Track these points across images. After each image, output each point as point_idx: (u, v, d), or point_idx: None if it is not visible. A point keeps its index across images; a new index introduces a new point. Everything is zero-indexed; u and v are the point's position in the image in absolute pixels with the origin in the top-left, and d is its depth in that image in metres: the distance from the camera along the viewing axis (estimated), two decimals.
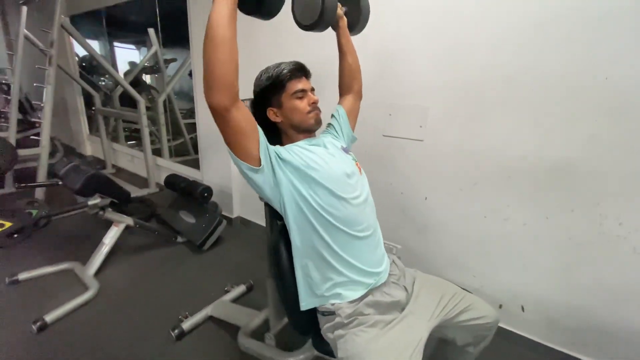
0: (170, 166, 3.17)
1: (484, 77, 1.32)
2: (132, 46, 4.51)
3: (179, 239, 2.22)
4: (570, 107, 1.18)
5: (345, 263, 0.88)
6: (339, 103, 1.20)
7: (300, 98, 0.95)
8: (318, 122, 0.98)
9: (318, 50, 1.83)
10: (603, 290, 1.25)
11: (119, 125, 3.91)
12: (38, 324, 1.45)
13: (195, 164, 2.88)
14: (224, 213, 2.45)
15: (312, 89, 1.00)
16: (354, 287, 0.89)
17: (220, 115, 0.74)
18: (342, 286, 0.88)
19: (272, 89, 0.95)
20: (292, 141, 0.99)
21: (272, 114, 0.98)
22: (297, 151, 0.91)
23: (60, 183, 1.69)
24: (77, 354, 1.36)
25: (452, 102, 1.42)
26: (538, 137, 1.26)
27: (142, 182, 3.33)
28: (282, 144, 1.02)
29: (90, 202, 1.62)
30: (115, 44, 4.43)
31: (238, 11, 0.76)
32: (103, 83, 4.55)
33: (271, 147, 0.87)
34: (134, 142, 4.09)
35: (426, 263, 1.67)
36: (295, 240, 0.91)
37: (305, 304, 0.93)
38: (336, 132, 1.13)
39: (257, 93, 0.99)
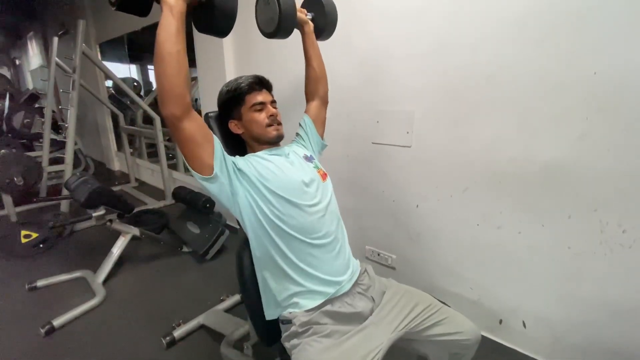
0: (183, 179, 3.32)
1: (464, 77, 1.27)
2: None
3: (185, 249, 2.30)
4: (558, 104, 1.10)
5: (302, 272, 0.87)
6: (305, 112, 1.20)
7: (259, 110, 0.97)
8: (279, 137, 1.00)
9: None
10: (608, 305, 1.13)
11: (142, 142, 4.17)
12: (46, 327, 1.55)
13: None
14: (229, 223, 2.51)
15: (273, 102, 1.01)
16: (312, 296, 0.87)
17: (173, 125, 0.77)
18: (299, 295, 0.87)
19: (232, 102, 0.98)
20: (254, 151, 1.01)
21: (234, 126, 1.00)
22: (254, 161, 0.92)
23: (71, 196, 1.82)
24: (77, 357, 1.43)
25: (435, 106, 1.38)
26: (525, 138, 1.18)
27: (161, 195, 3.51)
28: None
29: (95, 214, 1.73)
30: (150, 66, 4.77)
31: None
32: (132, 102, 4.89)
33: (229, 158, 0.88)
34: (156, 157, 4.34)
35: (422, 273, 1.60)
36: (255, 250, 0.91)
37: (267, 314, 0.92)
38: (304, 141, 1.14)
39: (219, 106, 1.03)
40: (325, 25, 1.21)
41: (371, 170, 1.68)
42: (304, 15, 1.15)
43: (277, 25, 1.00)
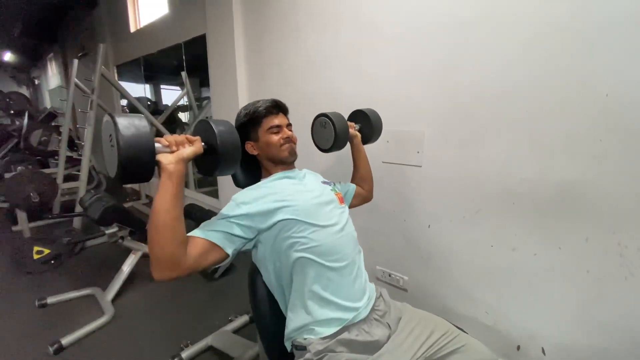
0: (193, 196, 3.35)
1: (474, 98, 1.29)
2: (178, 87, 4.99)
3: None
4: (570, 125, 1.10)
5: (320, 299, 0.85)
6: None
7: (276, 133, 1.00)
8: (292, 154, 1.01)
9: (320, 83, 1.92)
10: (631, 332, 1.08)
11: None
12: (55, 346, 1.55)
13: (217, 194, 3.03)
14: None
15: (289, 125, 1.04)
16: (328, 323, 0.85)
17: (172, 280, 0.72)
18: (315, 323, 0.85)
19: (249, 125, 1.01)
20: (269, 173, 1.03)
21: (250, 147, 1.02)
22: (262, 192, 0.89)
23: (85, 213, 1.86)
24: None
25: (445, 126, 1.39)
26: (537, 159, 1.18)
27: None
28: (261, 176, 1.06)
29: (108, 231, 1.75)
30: (162, 86, 4.93)
31: None
32: None
33: (230, 225, 0.81)
34: None
35: (435, 295, 1.56)
36: (271, 282, 0.91)
37: (286, 343, 0.91)
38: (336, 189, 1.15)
39: (237, 127, 1.05)
40: (372, 134, 1.32)
41: (381, 190, 1.67)
42: (352, 129, 1.25)
43: (333, 144, 1.14)
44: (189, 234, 0.76)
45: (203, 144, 0.77)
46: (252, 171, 1.08)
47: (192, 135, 0.79)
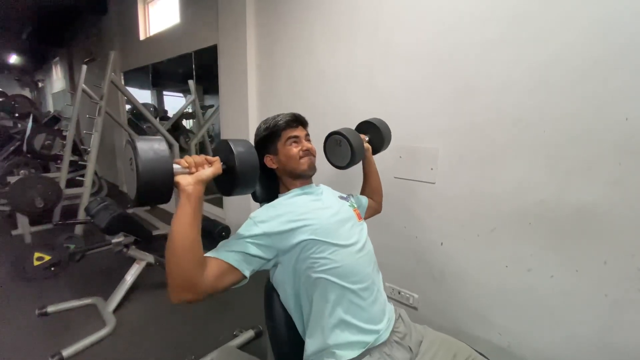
0: None
1: (491, 119, 1.29)
2: (180, 94, 5.01)
3: None
4: (589, 149, 1.10)
5: (341, 322, 0.83)
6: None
7: (294, 144, 0.99)
8: (311, 168, 1.00)
9: (331, 97, 1.92)
10: None
11: None
12: (56, 358, 1.50)
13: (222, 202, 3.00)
14: None
15: (307, 136, 1.03)
16: (350, 347, 0.83)
17: (188, 304, 0.70)
18: (336, 347, 0.83)
19: (269, 138, 1.00)
20: (287, 188, 1.02)
21: (269, 161, 1.02)
22: (281, 209, 0.88)
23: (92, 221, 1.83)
24: None
25: (461, 145, 1.39)
26: (555, 181, 1.17)
27: None
28: (279, 191, 1.05)
29: (114, 240, 1.73)
30: (165, 92, 4.95)
31: None
32: (149, 127, 5.03)
33: (248, 243, 0.79)
34: None
35: (446, 315, 1.54)
36: (289, 300, 0.89)
37: None
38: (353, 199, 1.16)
39: (256, 142, 1.05)
40: (382, 144, 1.34)
41: (392, 205, 1.66)
42: (365, 142, 1.25)
43: (350, 162, 1.13)
44: (205, 255, 0.73)
45: (222, 164, 0.77)
46: (270, 185, 1.06)
47: (211, 155, 0.79)
